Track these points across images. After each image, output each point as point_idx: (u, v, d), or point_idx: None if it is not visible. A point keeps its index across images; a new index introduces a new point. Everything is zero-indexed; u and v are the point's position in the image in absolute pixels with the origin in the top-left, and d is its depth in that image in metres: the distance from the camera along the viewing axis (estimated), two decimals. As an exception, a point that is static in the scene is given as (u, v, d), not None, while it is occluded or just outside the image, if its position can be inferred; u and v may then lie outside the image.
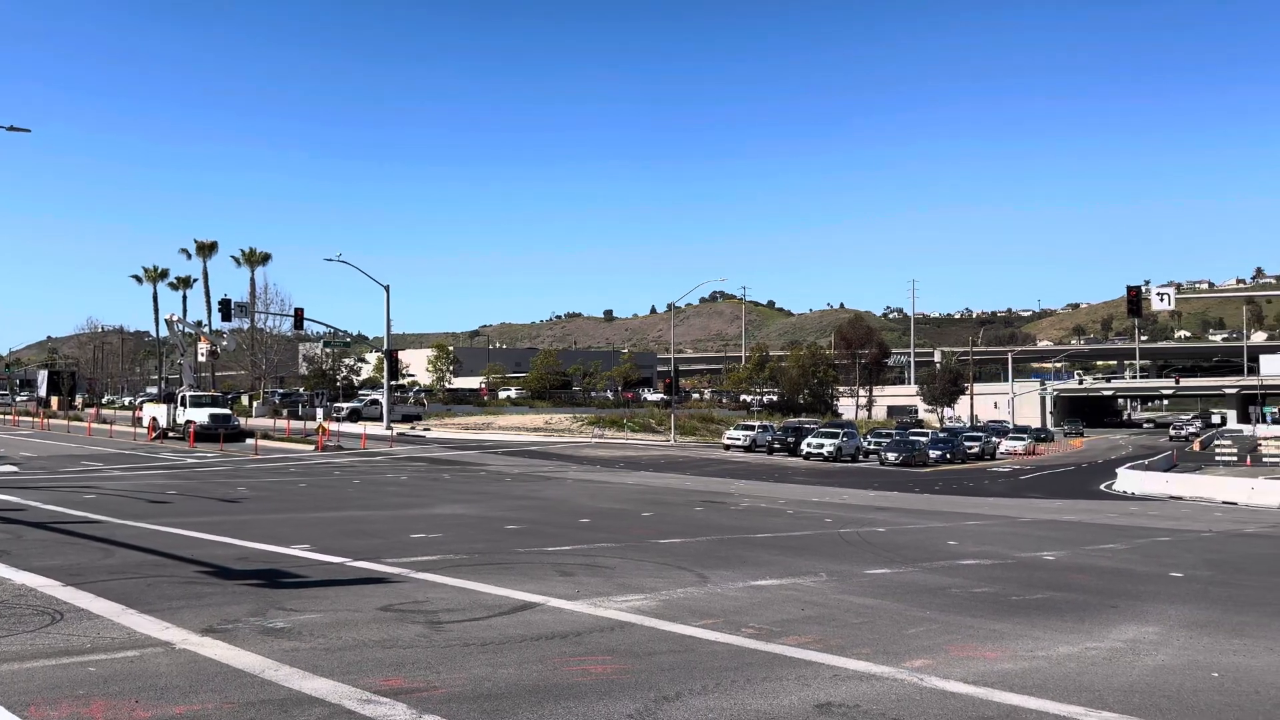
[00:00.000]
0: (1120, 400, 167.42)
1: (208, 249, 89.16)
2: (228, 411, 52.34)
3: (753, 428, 61.95)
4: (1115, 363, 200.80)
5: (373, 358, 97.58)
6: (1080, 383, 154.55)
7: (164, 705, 6.50)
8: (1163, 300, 37.13)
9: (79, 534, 15.50)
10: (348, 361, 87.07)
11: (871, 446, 57.16)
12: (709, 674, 7.81)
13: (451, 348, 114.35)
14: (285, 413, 64.34)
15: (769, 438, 59.91)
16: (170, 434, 49.73)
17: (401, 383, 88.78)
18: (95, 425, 58.40)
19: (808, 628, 9.89)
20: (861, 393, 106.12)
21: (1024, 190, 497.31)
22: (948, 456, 59.94)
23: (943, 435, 68.25)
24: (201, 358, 60.10)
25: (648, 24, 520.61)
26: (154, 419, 51.60)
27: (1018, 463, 63.28)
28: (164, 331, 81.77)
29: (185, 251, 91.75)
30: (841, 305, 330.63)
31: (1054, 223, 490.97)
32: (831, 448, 54.51)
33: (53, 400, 77.64)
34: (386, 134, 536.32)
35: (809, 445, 55.52)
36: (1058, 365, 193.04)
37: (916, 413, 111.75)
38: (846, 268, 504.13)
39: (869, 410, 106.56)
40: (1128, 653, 9.24)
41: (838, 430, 58.37)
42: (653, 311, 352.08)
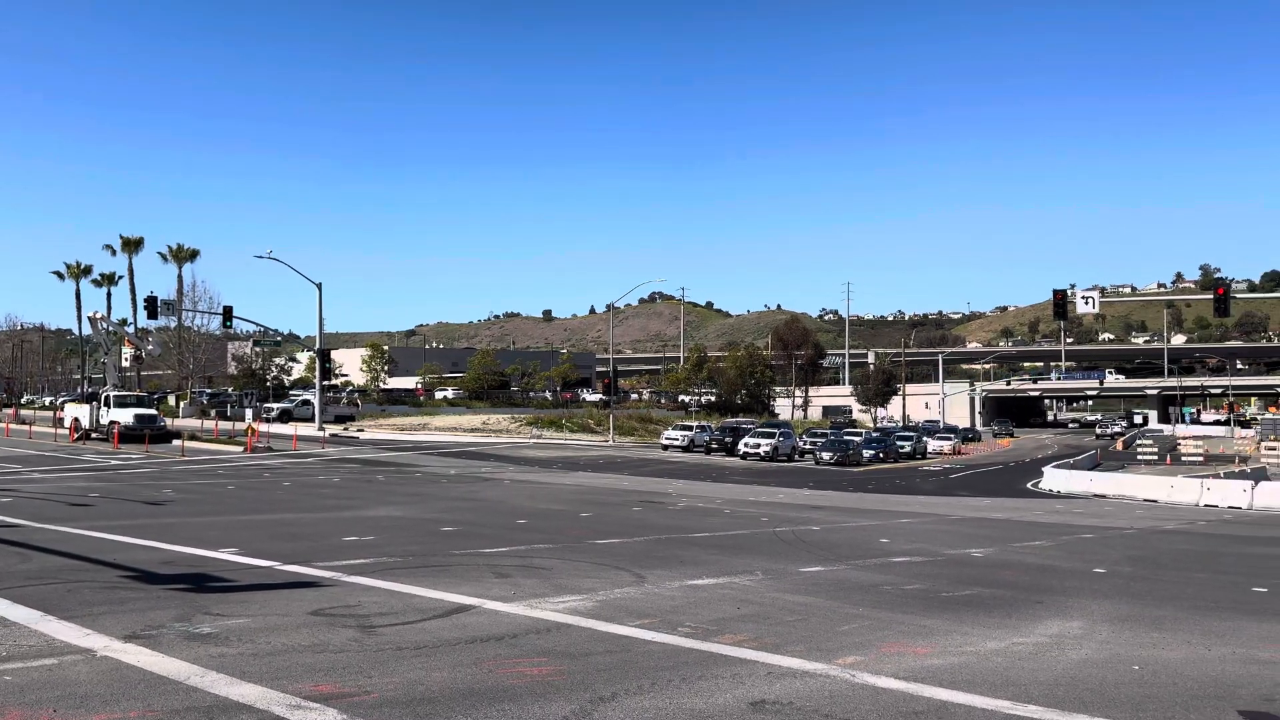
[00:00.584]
0: (1046, 400, 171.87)
1: (133, 245, 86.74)
2: (153, 412, 51.00)
3: (691, 428, 62.26)
4: (1042, 364, 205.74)
5: (304, 357, 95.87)
6: (1008, 383, 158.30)
7: (84, 714, 6.30)
8: (1088, 304, 38.21)
9: (-6, 539, 14.95)
10: (278, 361, 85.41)
11: (807, 446, 57.83)
12: (645, 674, 7.82)
13: (386, 347, 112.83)
14: (214, 413, 62.86)
15: (707, 438, 60.27)
16: (93, 435, 48.29)
17: (334, 383, 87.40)
18: (14, 426, 56.45)
19: (743, 626, 9.97)
20: (798, 393, 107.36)
21: (955, 195, 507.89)
22: (881, 456, 60.91)
23: (876, 435, 69.36)
24: (125, 363, 58.43)
25: (581, 25, 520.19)
26: (76, 419, 50.08)
27: (948, 462, 64.58)
28: (87, 330, 79.27)
29: (110, 248, 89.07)
30: (779, 307, 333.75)
31: (983, 227, 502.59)
32: (768, 447, 55.03)
33: (-32, 400, 74.86)
34: (319, 131, 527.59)
35: (746, 445, 55.98)
36: (986, 366, 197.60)
37: (851, 413, 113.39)
38: (784, 270, 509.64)
39: (805, 410, 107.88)
40: (1053, 647, 9.48)
41: (774, 430, 58.94)
42: (592, 312, 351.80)
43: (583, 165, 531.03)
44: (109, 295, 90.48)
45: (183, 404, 70.84)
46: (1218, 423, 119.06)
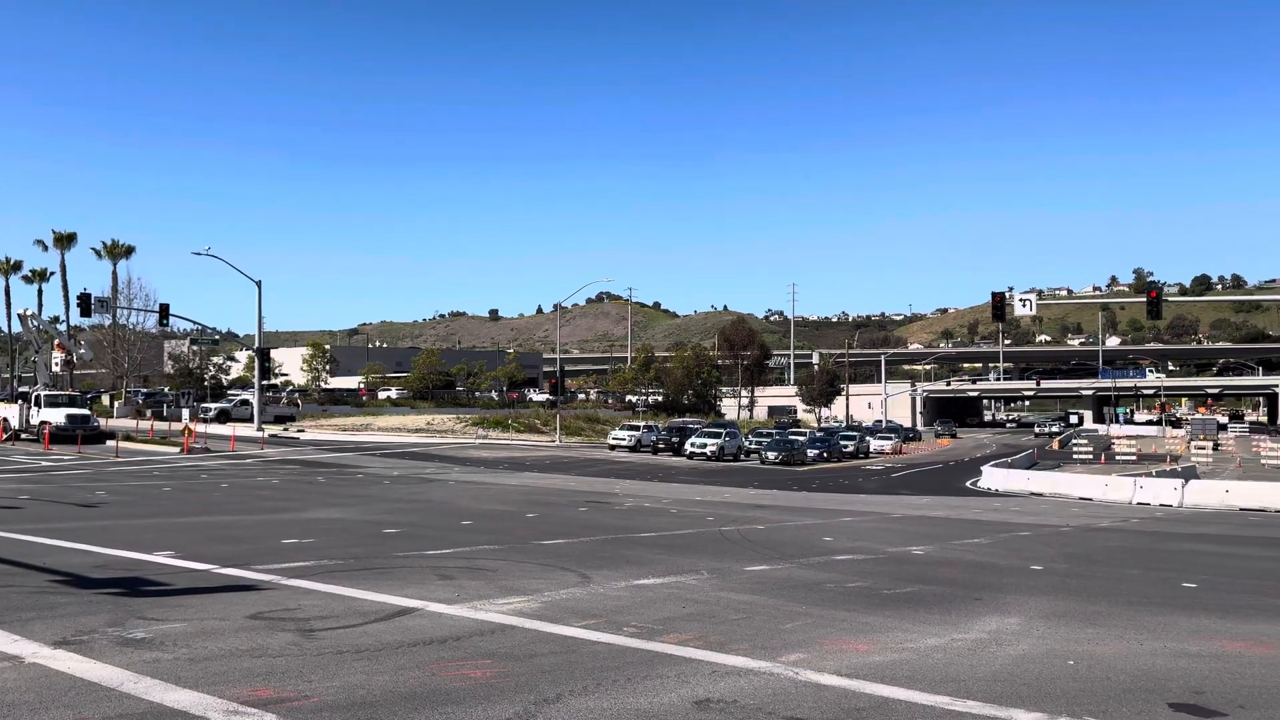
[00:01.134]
0: (985, 401, 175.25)
1: (66, 240, 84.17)
2: (86, 412, 49.77)
3: (638, 428, 62.35)
4: (981, 365, 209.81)
5: (243, 356, 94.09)
6: (948, 384, 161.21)
7: (9, 724, 6.12)
8: (1025, 306, 39.01)
9: (-84, 543, 14.44)
10: (216, 360, 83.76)
11: (753, 446, 58.23)
12: (590, 674, 7.80)
13: (328, 346, 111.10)
14: (149, 413, 61.46)
15: (654, 438, 60.40)
16: (23, 435, 47.01)
17: (274, 382, 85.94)
18: (-63, 427, 54.58)
19: (688, 625, 10.00)
20: (744, 393, 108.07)
21: (897, 198, 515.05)
22: (825, 455, 61.55)
23: (820, 435, 70.04)
24: (56, 367, 56.83)
25: (525, 30, 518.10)
26: (5, 420, 48.63)
27: (890, 461, 65.48)
28: (17, 328, 76.84)
29: (41, 243, 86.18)
30: (725, 308, 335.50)
31: (924, 230, 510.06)
32: (714, 447, 55.32)
33: (-111, 400, 72.15)
34: (261, 126, 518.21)
35: (693, 445, 56.22)
36: (927, 367, 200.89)
37: (796, 413, 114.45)
38: (730, 271, 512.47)
39: (751, 410, 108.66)
40: (991, 643, 9.65)
41: (720, 430, 59.27)
42: (539, 311, 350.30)
43: (530, 165, 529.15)
44: (40, 292, 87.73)
45: (117, 404, 69.12)
46: (1150, 423, 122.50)
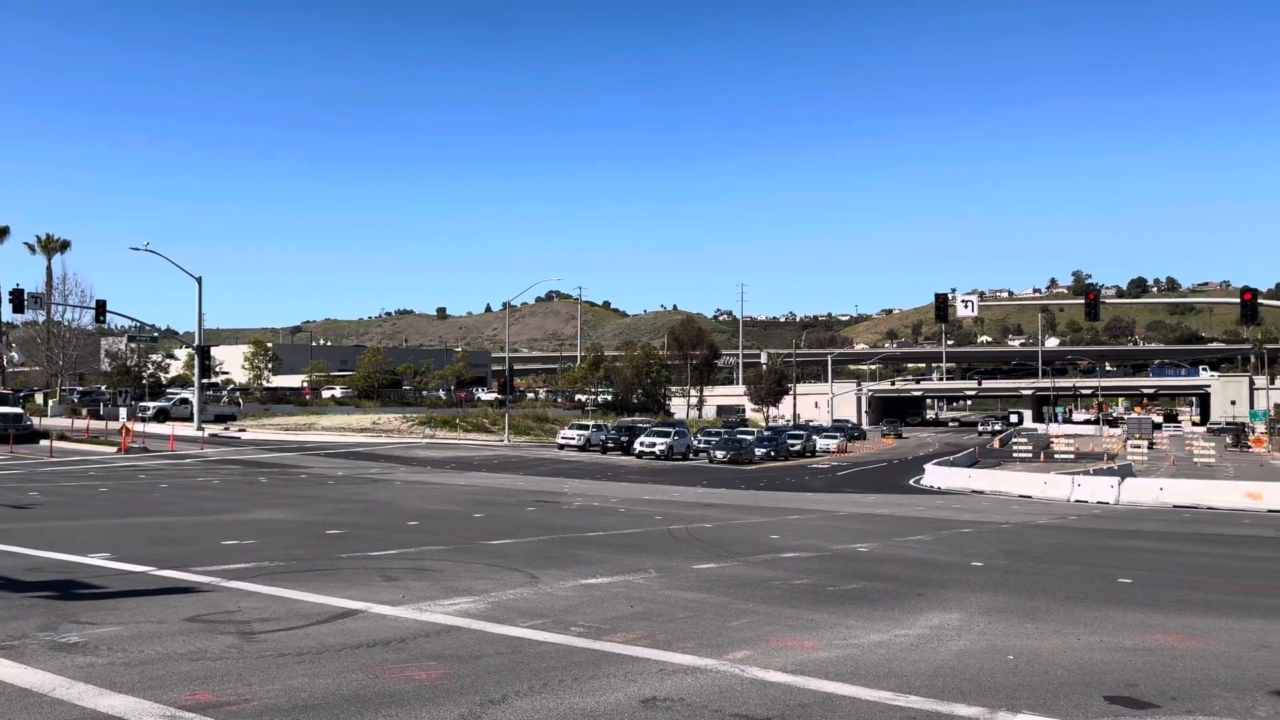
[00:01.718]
0: (929, 400, 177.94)
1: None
2: (19, 410, 48.41)
3: (587, 427, 62.23)
4: (924, 365, 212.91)
5: (183, 354, 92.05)
6: (893, 383, 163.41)
7: (-67, 733, 5.92)
8: (967, 307, 39.67)
9: None
10: (155, 358, 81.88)
11: (702, 445, 58.44)
12: (536, 675, 7.77)
13: (271, 344, 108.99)
14: (85, 412, 59.88)
15: (603, 437, 60.34)
16: (-50, 435, 45.42)
17: (215, 381, 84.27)
18: None
19: (636, 624, 10.00)
20: (693, 392, 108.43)
21: (844, 200, 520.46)
22: (772, 454, 62.00)
23: (768, 434, 70.54)
24: None
25: (467, 29, 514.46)
26: (-69, 419, 46.98)
27: (836, 459, 66.17)
28: (-56, 324, 74.43)
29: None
30: (675, 307, 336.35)
31: (871, 232, 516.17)
32: (663, 446, 55.44)
33: None
34: (199, 121, 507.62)
35: (642, 444, 56.28)
36: (872, 367, 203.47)
37: (744, 412, 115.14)
38: (680, 271, 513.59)
39: (700, 409, 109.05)
40: (933, 639, 9.80)
41: (669, 429, 59.41)
42: (488, 310, 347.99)
43: (479, 163, 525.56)
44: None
45: (52, 402, 67.24)
46: (1088, 422, 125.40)
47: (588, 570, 13.81)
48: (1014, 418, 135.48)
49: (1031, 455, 62.30)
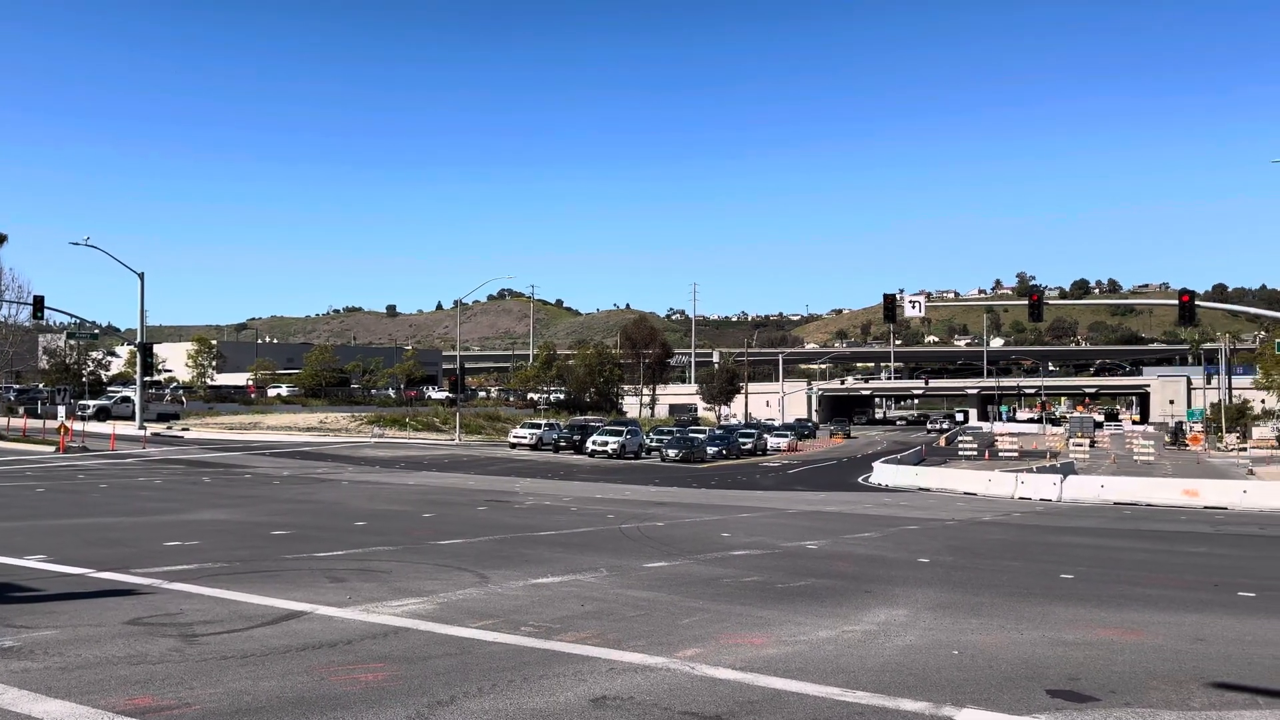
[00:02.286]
0: (878, 399, 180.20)
1: (-71, 227, 79.31)
2: (-49, 409, 46.91)
3: (539, 426, 62.04)
4: (873, 364, 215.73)
5: (124, 351, 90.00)
6: (843, 383, 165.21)
7: None
8: (915, 308, 40.17)
9: None
10: (96, 355, 79.78)
11: (654, 443, 58.57)
12: (485, 675, 7.72)
13: (215, 341, 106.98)
14: (22, 410, 58.31)
15: (555, 436, 60.20)
16: (-122, 435, 44.00)
17: (157, 379, 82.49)
18: None
19: (586, 623, 9.98)
20: (645, 391, 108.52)
21: (794, 202, 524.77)
22: (724, 452, 62.32)
23: (720, 432, 70.87)
24: None
25: (416, 29, 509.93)
26: None
27: (786, 458, 66.70)
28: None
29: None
30: (628, 306, 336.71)
31: (822, 233, 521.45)
32: (616, 445, 55.44)
33: None
34: (144, 112, 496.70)
35: (594, 443, 56.24)
36: (823, 366, 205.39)
37: (696, 410, 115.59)
38: (633, 270, 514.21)
39: (652, 408, 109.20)
40: (880, 635, 9.91)
41: (622, 428, 59.42)
42: (439, 308, 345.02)
43: (430, 162, 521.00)
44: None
45: (-15, 401, 65.36)
46: (1032, 420, 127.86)
47: (538, 570, 13.75)
48: (960, 416, 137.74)
49: (977, 453, 63.34)
